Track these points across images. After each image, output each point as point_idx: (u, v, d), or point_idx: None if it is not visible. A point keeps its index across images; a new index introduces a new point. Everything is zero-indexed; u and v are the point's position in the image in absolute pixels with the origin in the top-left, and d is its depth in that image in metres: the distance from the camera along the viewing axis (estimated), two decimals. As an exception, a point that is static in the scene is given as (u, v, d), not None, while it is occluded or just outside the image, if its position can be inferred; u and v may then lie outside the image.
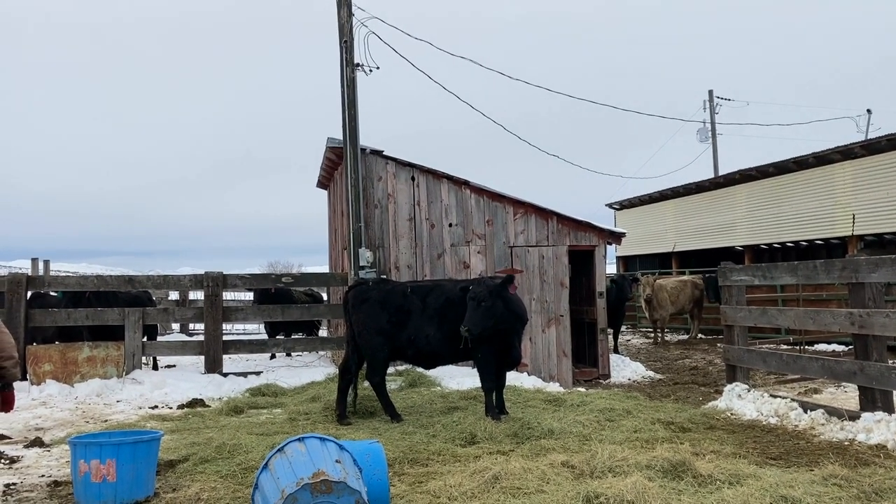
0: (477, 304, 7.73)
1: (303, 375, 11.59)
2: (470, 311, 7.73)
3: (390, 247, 12.41)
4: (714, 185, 24.15)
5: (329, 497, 4.23)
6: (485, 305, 7.74)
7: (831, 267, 7.92)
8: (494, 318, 7.84)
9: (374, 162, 12.44)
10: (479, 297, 7.77)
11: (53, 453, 7.18)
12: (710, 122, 32.23)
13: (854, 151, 18.29)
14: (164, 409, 9.85)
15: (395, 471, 5.90)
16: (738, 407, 8.55)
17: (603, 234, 13.33)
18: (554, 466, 5.61)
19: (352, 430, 7.63)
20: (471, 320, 7.69)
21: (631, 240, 24.72)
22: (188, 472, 6.11)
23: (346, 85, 12.24)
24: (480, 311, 7.73)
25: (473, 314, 7.71)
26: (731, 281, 9.50)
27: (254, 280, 14.22)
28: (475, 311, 7.72)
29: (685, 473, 5.33)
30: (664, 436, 7.01)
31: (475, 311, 7.72)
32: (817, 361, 8.27)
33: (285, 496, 4.20)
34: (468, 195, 12.73)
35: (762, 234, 21.77)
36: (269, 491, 4.37)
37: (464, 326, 7.64)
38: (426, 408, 8.79)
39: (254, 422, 8.37)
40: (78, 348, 11.49)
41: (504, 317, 7.99)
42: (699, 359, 15.55)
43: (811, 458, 6.30)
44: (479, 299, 7.76)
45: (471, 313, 7.72)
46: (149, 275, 14.91)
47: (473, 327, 7.67)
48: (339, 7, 12.33)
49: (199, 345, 12.62)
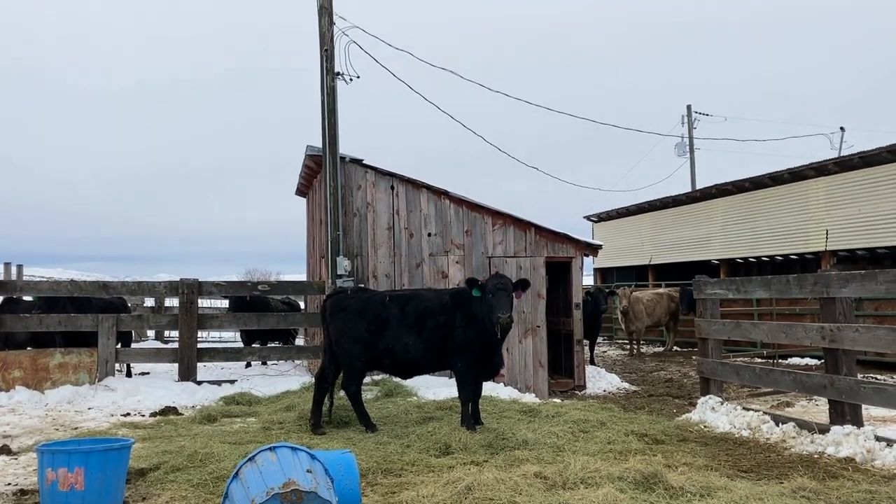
0: (507, 294, 7.93)
1: (278, 384, 11.51)
2: (503, 299, 7.87)
3: (369, 255, 12.39)
4: (691, 199, 24.39)
5: (300, 507, 4.21)
6: (511, 297, 8.00)
7: (804, 281, 8.02)
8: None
9: (354, 170, 12.44)
10: (508, 288, 7.99)
11: (21, 461, 7.07)
12: (689, 136, 32.56)
13: (828, 168, 18.58)
14: (137, 416, 9.73)
15: (368, 481, 5.87)
16: (711, 419, 8.62)
17: (580, 245, 13.41)
18: (527, 477, 5.62)
19: (326, 440, 7.58)
20: (510, 307, 7.89)
21: (608, 252, 24.93)
22: (159, 481, 6.04)
23: (326, 93, 12.23)
24: (510, 300, 7.97)
25: (509, 302, 7.92)
26: (705, 294, 9.58)
27: (230, 287, 14.10)
28: (507, 299, 7.91)
29: (657, 485, 5.36)
30: (637, 447, 7.04)
31: (507, 299, 7.91)
32: (789, 375, 8.36)
33: (256, 506, 4.18)
34: (447, 205, 12.76)
35: (738, 248, 22.00)
36: (239, 500, 4.34)
37: (505, 313, 7.75)
38: (401, 418, 8.77)
39: (227, 430, 8.31)
40: (49, 354, 11.34)
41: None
42: (674, 371, 15.66)
43: (781, 470, 6.36)
44: (509, 290, 7.99)
45: (506, 301, 7.88)
46: (123, 281, 14.76)
47: (511, 313, 7.90)
48: (321, 16, 12.33)
49: (174, 352, 12.50)
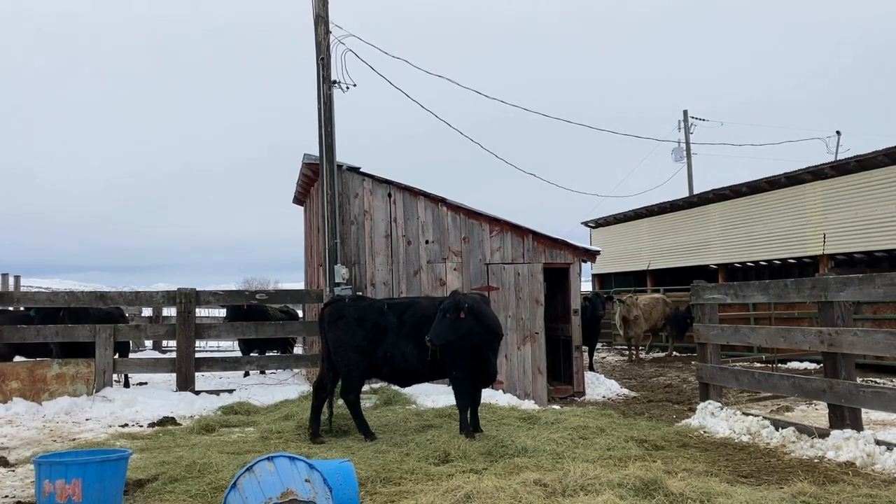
0: (443, 316, 7.76)
1: (276, 393, 11.49)
2: (437, 321, 7.76)
3: (366, 263, 12.38)
4: (688, 204, 24.43)
5: (298, 517, 4.20)
6: (450, 317, 7.76)
7: (801, 286, 8.02)
8: (462, 330, 7.82)
9: (351, 178, 12.44)
10: (445, 309, 7.81)
11: (18, 473, 7.04)
12: (685, 141, 32.63)
13: (824, 172, 18.62)
14: (135, 427, 9.70)
15: (367, 490, 5.85)
16: (711, 425, 8.61)
17: (578, 251, 13.40)
18: (526, 485, 5.60)
19: (325, 449, 7.56)
20: (434, 331, 7.72)
21: (606, 258, 24.93)
22: (157, 492, 6.02)
23: (323, 102, 12.24)
24: (446, 322, 7.75)
25: (439, 325, 7.74)
26: (703, 299, 9.58)
27: (227, 297, 14.09)
28: (441, 322, 7.75)
29: (657, 492, 5.34)
30: (637, 454, 7.03)
31: (441, 322, 7.75)
32: (788, 379, 8.35)
33: (254, 516, 4.16)
34: (445, 212, 12.76)
35: (736, 252, 22.02)
36: (238, 511, 4.32)
37: (427, 337, 7.68)
38: (400, 426, 8.75)
39: (225, 440, 8.28)
40: (47, 365, 11.30)
41: (474, 330, 7.97)
42: (674, 376, 15.64)
43: (781, 475, 6.34)
44: (446, 310, 7.80)
45: (436, 324, 7.74)
46: (121, 291, 14.71)
47: (436, 338, 7.70)
48: (317, 25, 12.35)
49: (172, 362, 12.47)
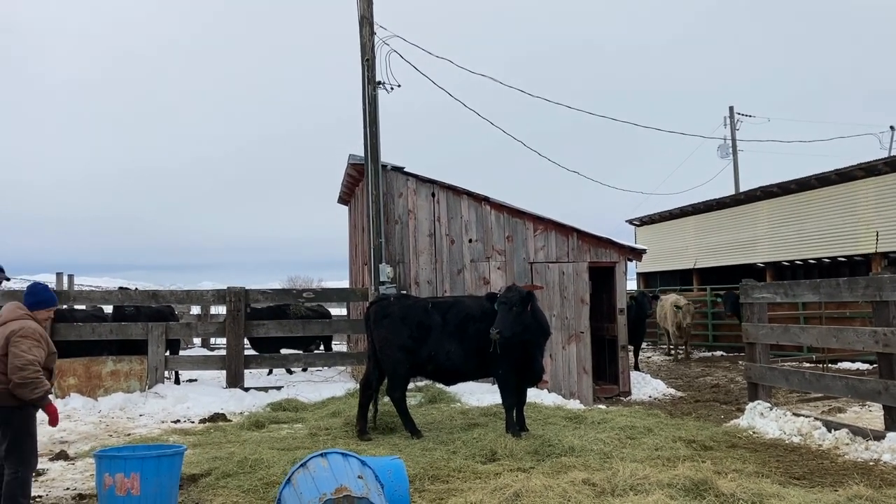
0: (509, 308, 7.65)
1: (323, 391, 11.63)
2: (501, 314, 7.62)
3: (410, 262, 12.46)
4: (735, 201, 24.01)
5: (351, 512, 4.26)
6: (516, 310, 7.68)
7: (854, 285, 7.86)
8: (523, 325, 7.77)
9: (395, 178, 12.52)
10: (511, 302, 7.69)
11: (78, 466, 7.27)
12: (731, 138, 32.07)
13: (877, 168, 18.13)
14: (187, 423, 9.92)
15: (415, 487, 5.91)
16: (760, 425, 8.48)
17: (623, 250, 13.29)
18: (575, 484, 5.60)
19: (372, 446, 7.64)
20: (502, 322, 7.57)
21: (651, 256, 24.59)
22: (210, 487, 6.16)
23: (368, 103, 12.34)
24: (512, 315, 7.65)
25: (505, 317, 7.61)
26: (752, 298, 9.44)
27: (275, 295, 14.32)
28: (507, 314, 7.62)
29: (707, 492, 5.30)
30: (686, 454, 6.97)
31: (507, 314, 7.62)
32: (841, 380, 8.19)
33: (308, 511, 4.23)
34: (488, 211, 12.77)
35: (784, 250, 21.59)
36: (292, 506, 4.40)
37: (494, 329, 7.52)
38: (446, 424, 8.80)
39: (275, 436, 8.43)
40: (102, 362, 11.61)
41: (531, 326, 7.94)
42: (721, 376, 15.42)
43: (835, 478, 6.23)
44: (512, 304, 7.68)
45: (502, 316, 7.60)
46: (172, 289, 15.02)
47: (505, 329, 7.56)
48: (361, 26, 12.46)
49: (221, 359, 12.72)
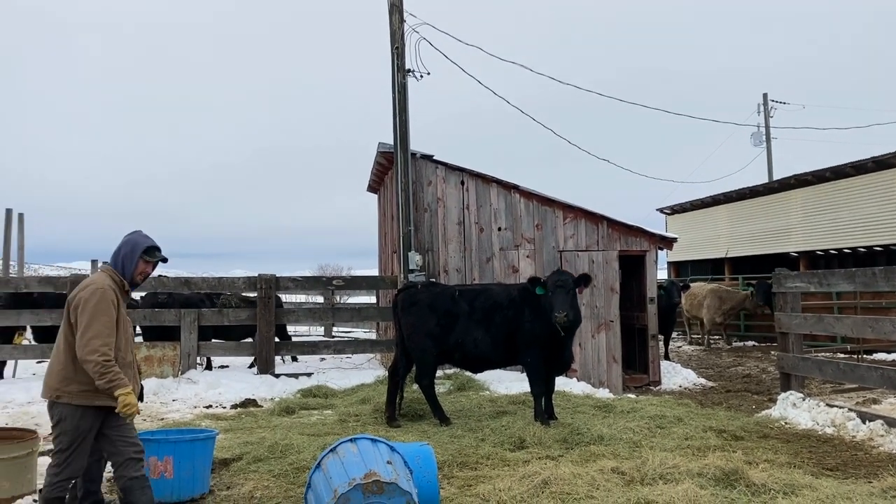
0: (567, 292, 7.57)
1: (352, 377, 11.72)
2: (560, 297, 7.53)
3: (439, 250, 12.47)
4: (768, 189, 23.65)
5: (381, 498, 4.29)
6: (573, 293, 7.63)
7: (891, 274, 7.72)
8: (576, 308, 7.71)
9: (424, 166, 12.52)
10: (568, 285, 7.60)
11: (113, 449, 7.39)
12: (765, 125, 31.57)
13: (916, 155, 17.75)
14: (219, 408, 10.06)
15: (444, 473, 5.94)
16: (792, 416, 8.39)
17: (654, 238, 13.17)
18: (604, 472, 5.59)
19: (401, 433, 7.69)
20: (570, 306, 7.49)
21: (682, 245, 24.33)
22: (242, 471, 6.25)
23: (398, 90, 12.34)
24: (570, 297, 7.57)
25: (566, 300, 7.51)
26: (786, 288, 9.32)
27: (306, 283, 14.42)
28: (566, 297, 7.54)
29: (738, 482, 5.26)
30: (716, 444, 6.92)
31: (566, 297, 7.54)
32: (876, 371, 8.06)
33: (338, 496, 4.27)
34: (517, 199, 12.72)
35: (818, 239, 21.24)
36: (322, 490, 4.45)
37: (560, 312, 7.44)
38: (475, 411, 8.81)
39: (305, 422, 8.51)
40: (136, 348, 11.76)
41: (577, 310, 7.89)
42: (752, 366, 15.26)
43: (869, 469, 6.15)
44: (568, 287, 7.59)
45: (565, 300, 7.51)
46: (204, 276, 15.18)
47: (572, 313, 7.52)
48: (391, 14, 12.45)
49: (252, 346, 12.87)
